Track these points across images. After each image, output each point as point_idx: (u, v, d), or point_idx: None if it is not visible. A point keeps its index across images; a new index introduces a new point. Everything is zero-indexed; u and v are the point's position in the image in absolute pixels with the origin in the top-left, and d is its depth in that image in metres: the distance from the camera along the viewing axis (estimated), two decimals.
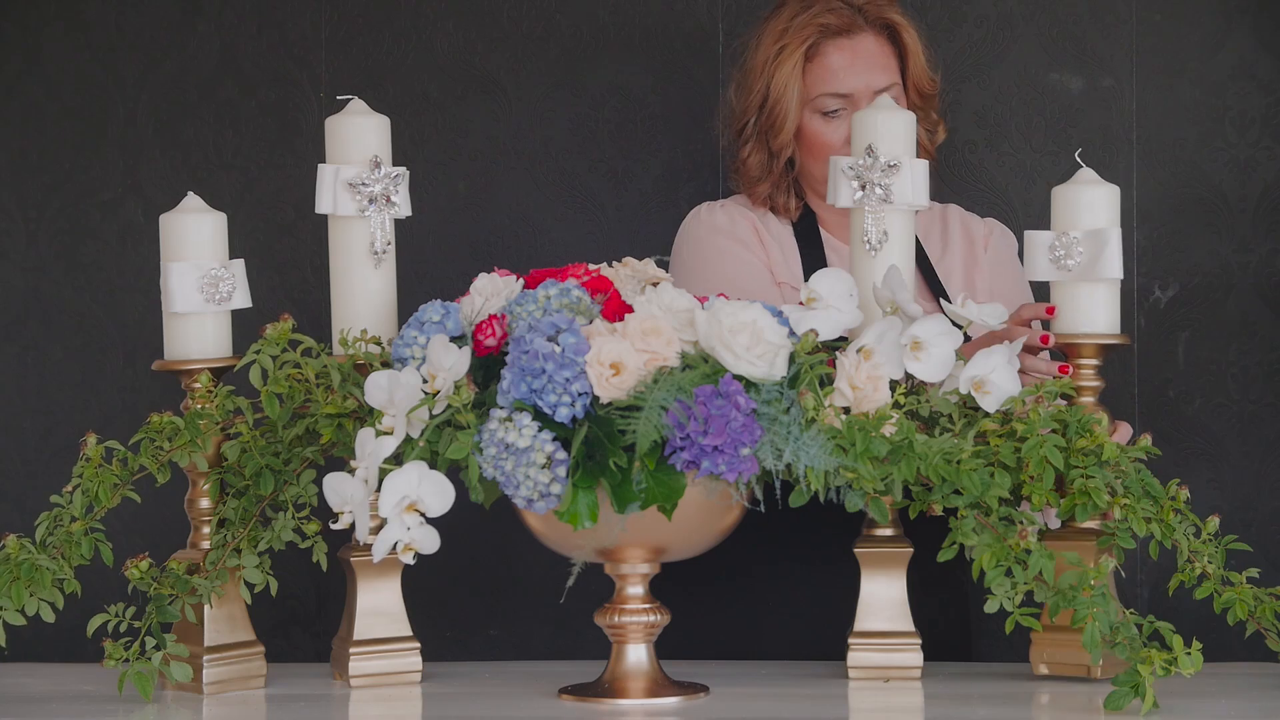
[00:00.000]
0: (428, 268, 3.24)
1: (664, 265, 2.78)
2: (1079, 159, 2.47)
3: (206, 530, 2.44)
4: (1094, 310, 2.43)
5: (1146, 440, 2.35)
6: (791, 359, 2.23)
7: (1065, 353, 2.43)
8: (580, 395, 2.17)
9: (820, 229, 2.91)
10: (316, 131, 2.56)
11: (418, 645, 2.47)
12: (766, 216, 2.92)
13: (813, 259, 2.86)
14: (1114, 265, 2.40)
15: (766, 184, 2.90)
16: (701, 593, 2.75)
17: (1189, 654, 2.19)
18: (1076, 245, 2.42)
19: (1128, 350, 3.15)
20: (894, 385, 2.29)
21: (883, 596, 2.42)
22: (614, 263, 2.44)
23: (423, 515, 2.19)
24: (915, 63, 2.84)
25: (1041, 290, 2.50)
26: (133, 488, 2.38)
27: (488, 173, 3.28)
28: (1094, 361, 2.42)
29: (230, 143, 3.32)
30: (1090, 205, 2.42)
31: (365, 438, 2.22)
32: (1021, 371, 2.45)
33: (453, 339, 2.29)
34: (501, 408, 2.19)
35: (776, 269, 2.85)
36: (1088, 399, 2.40)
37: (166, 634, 2.35)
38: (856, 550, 2.43)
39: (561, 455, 2.16)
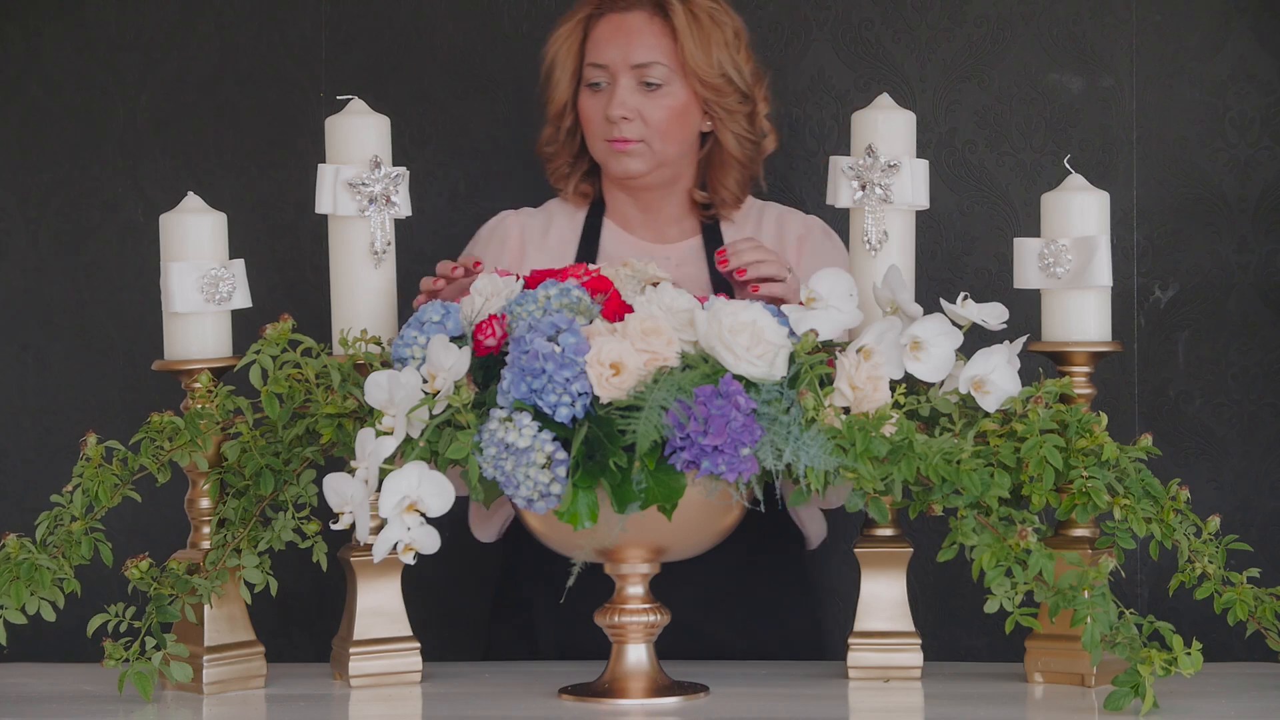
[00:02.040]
0: (428, 268, 3.24)
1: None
2: (1068, 165, 2.47)
3: (206, 530, 2.44)
4: (1084, 318, 2.42)
5: (1147, 440, 2.35)
6: (791, 359, 2.23)
7: (1055, 360, 2.44)
8: (580, 395, 2.17)
9: (607, 220, 2.90)
10: (316, 131, 2.55)
11: (418, 645, 2.47)
12: (555, 219, 2.90)
13: (586, 255, 2.86)
14: (1103, 272, 2.40)
15: (560, 160, 2.89)
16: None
17: (1189, 654, 2.19)
18: (1065, 253, 2.42)
19: (1128, 351, 3.15)
20: (894, 385, 2.30)
21: (883, 596, 2.42)
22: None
23: (423, 515, 2.19)
24: (686, 47, 2.77)
25: (1032, 298, 2.49)
26: (133, 488, 2.38)
27: (488, 173, 3.28)
28: (1085, 369, 2.42)
29: (230, 143, 3.32)
30: (1080, 212, 2.43)
31: (365, 438, 2.22)
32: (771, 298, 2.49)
33: (453, 339, 2.29)
34: (501, 408, 2.19)
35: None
36: (1080, 407, 2.40)
37: (166, 634, 2.35)
38: (856, 550, 2.43)
39: (561, 455, 2.16)
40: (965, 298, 2.38)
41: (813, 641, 2.94)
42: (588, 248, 2.88)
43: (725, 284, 2.78)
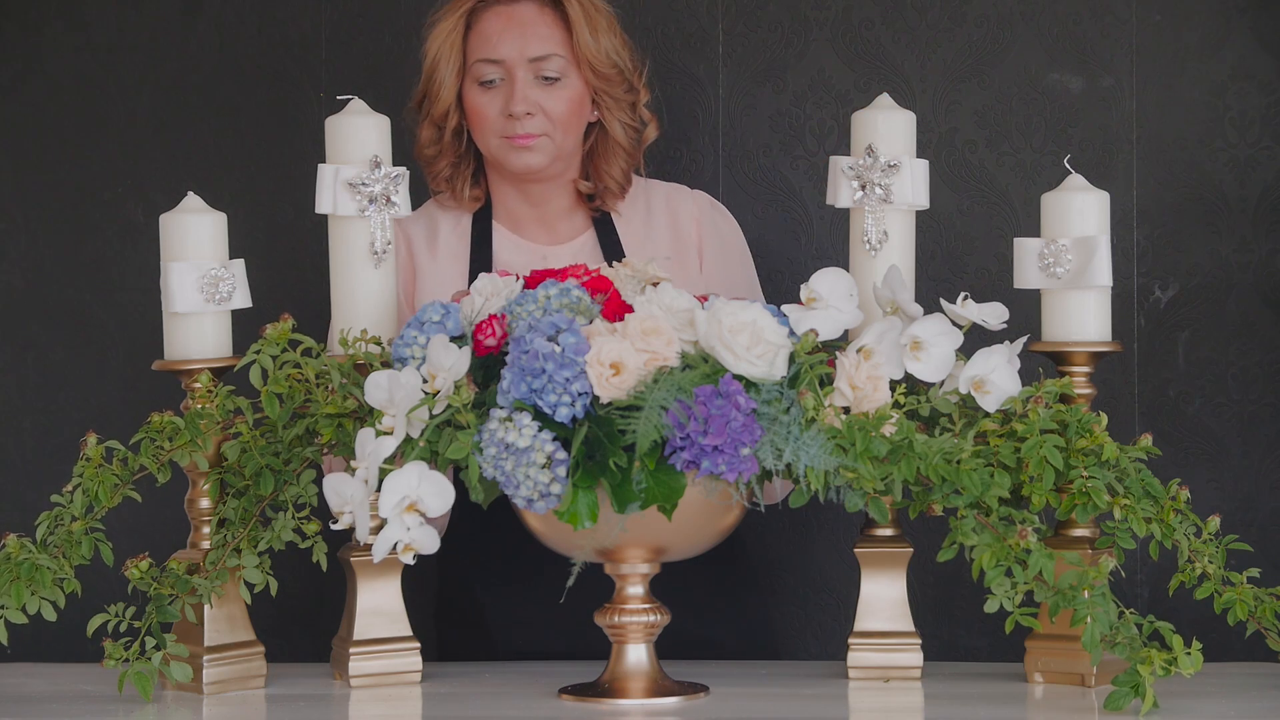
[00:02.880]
0: None
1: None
2: (1068, 165, 2.47)
3: (206, 530, 2.44)
4: (1084, 318, 2.42)
5: (1147, 440, 2.35)
6: (791, 359, 2.23)
7: (1056, 360, 2.44)
8: (580, 395, 2.17)
9: (497, 225, 2.85)
10: (316, 131, 2.55)
11: (418, 645, 2.47)
12: (439, 227, 2.85)
13: (480, 264, 2.81)
14: (1103, 272, 2.40)
15: (443, 162, 2.82)
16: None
17: (1189, 654, 2.19)
18: (1065, 253, 2.42)
19: (1128, 351, 3.15)
20: (894, 385, 2.30)
21: (883, 596, 2.42)
22: (614, 263, 2.44)
23: (423, 515, 2.19)
24: (581, 37, 2.74)
25: (1032, 298, 2.49)
26: (133, 487, 2.38)
27: None
28: (1085, 369, 2.42)
29: (230, 143, 3.32)
30: (1080, 212, 2.42)
31: (365, 438, 2.22)
32: None
33: (453, 339, 2.29)
34: (501, 408, 2.19)
35: (428, 287, 2.80)
36: (1080, 407, 2.39)
37: (166, 634, 2.35)
38: (856, 550, 2.43)
39: (561, 455, 2.16)
40: (965, 298, 2.38)
41: (813, 641, 2.94)
42: (480, 256, 2.83)
43: None
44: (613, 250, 2.82)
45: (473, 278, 2.72)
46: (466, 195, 2.84)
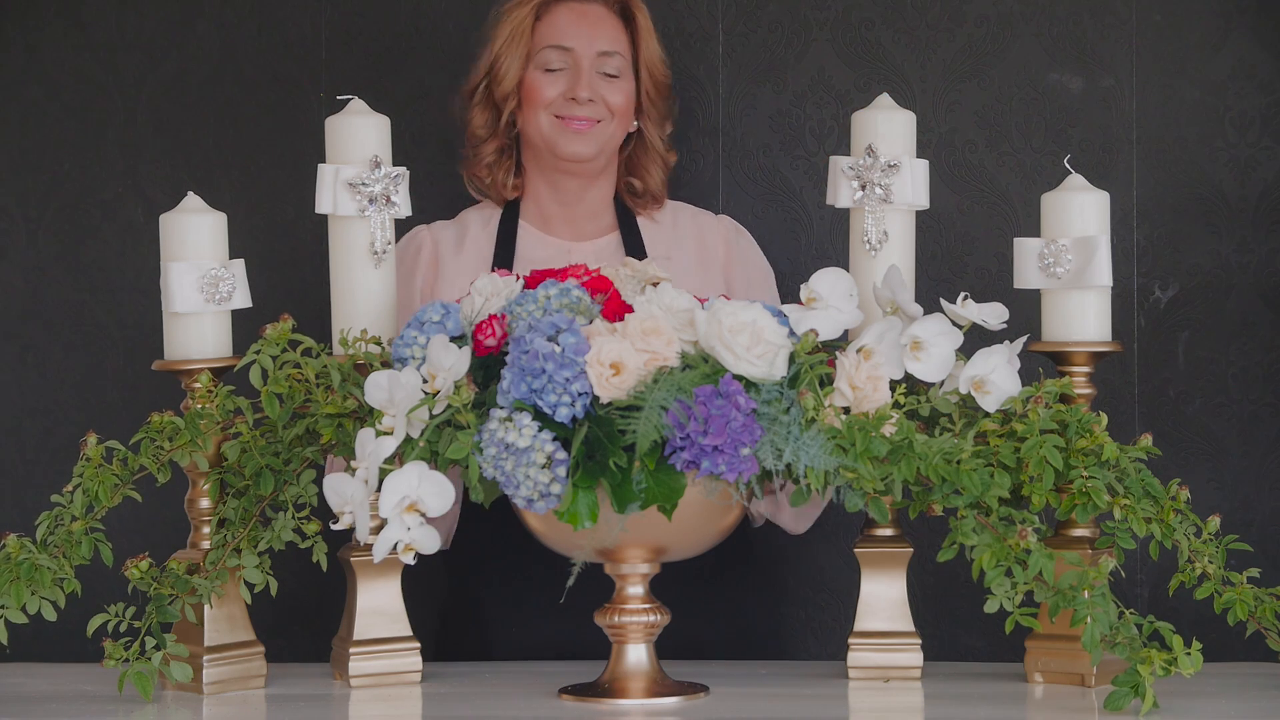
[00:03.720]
0: None
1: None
2: (1068, 165, 2.47)
3: (206, 530, 2.44)
4: (1084, 318, 2.42)
5: (1147, 440, 2.35)
6: (791, 359, 2.23)
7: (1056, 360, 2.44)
8: (580, 395, 2.17)
9: (523, 223, 2.93)
10: (316, 131, 2.55)
11: (418, 645, 2.47)
12: (469, 228, 2.93)
13: (504, 257, 2.90)
14: (1103, 272, 2.40)
15: (492, 144, 2.92)
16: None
17: (1189, 654, 2.19)
18: (1065, 253, 2.42)
19: (1128, 351, 3.15)
20: (894, 385, 2.29)
21: (883, 596, 2.42)
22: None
23: (423, 515, 2.19)
24: (647, 44, 2.90)
25: (1032, 297, 2.49)
26: (133, 488, 2.38)
27: None
28: (1085, 369, 2.42)
29: (230, 143, 3.32)
30: (1080, 212, 2.43)
31: (365, 438, 2.22)
32: None
33: (453, 339, 2.29)
34: (501, 408, 2.19)
35: (450, 281, 2.87)
36: (1080, 407, 2.39)
37: (166, 634, 2.35)
38: (856, 550, 2.43)
39: (561, 455, 2.16)
40: (965, 298, 2.38)
41: (813, 641, 2.94)
42: (504, 252, 2.90)
43: None
44: (636, 253, 2.89)
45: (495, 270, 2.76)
46: (509, 184, 2.93)
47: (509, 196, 2.93)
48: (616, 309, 2.31)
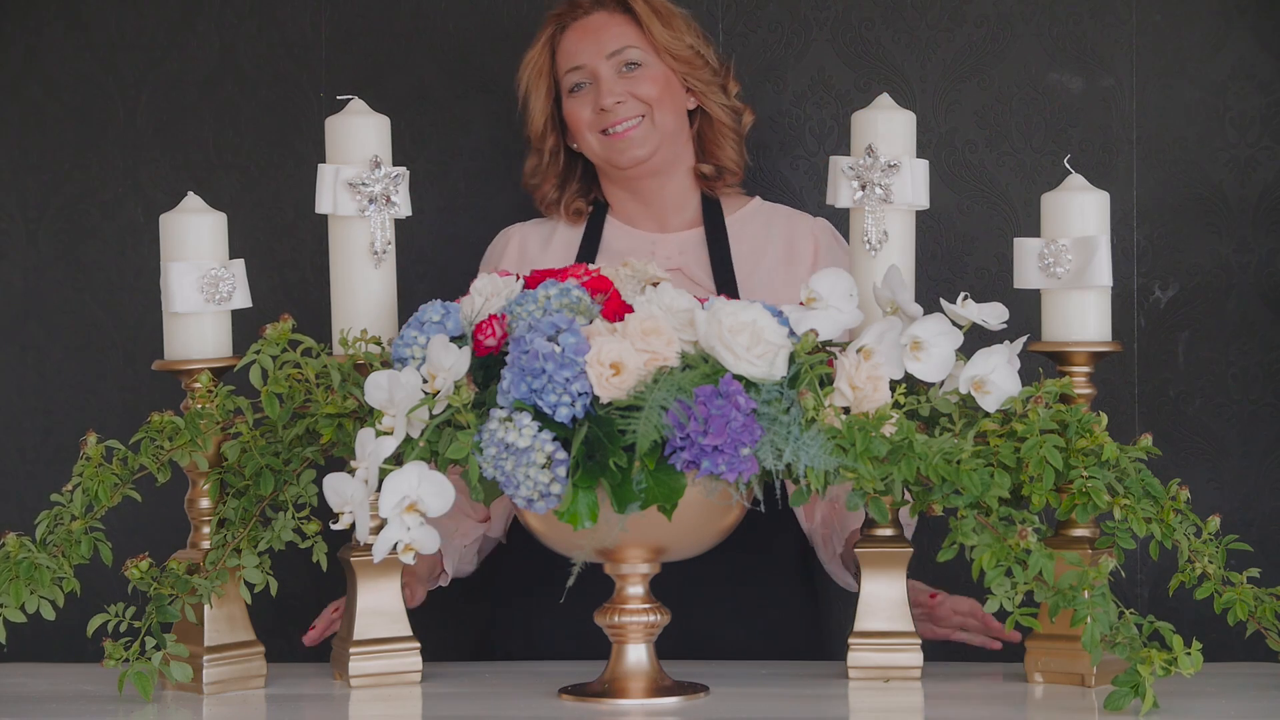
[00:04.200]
0: (428, 268, 3.24)
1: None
2: (1068, 165, 2.47)
3: (206, 530, 2.44)
4: (1084, 318, 2.42)
5: (1147, 440, 2.35)
6: (791, 359, 2.23)
7: (1056, 360, 2.44)
8: (580, 395, 2.17)
9: (610, 218, 2.97)
10: (316, 131, 2.55)
11: (418, 645, 2.47)
12: (559, 226, 2.99)
13: (589, 251, 2.94)
14: (1103, 272, 2.40)
15: (546, 186, 2.99)
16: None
17: (1189, 654, 2.19)
18: (1065, 253, 2.41)
19: (1128, 351, 3.15)
20: (894, 385, 2.29)
21: (883, 596, 2.42)
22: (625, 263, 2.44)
23: (423, 515, 2.19)
24: (652, 27, 2.91)
25: (1032, 297, 2.49)
26: (133, 487, 2.38)
27: (488, 173, 3.28)
28: (1085, 369, 2.42)
29: (230, 143, 3.32)
30: (1080, 212, 2.42)
31: (365, 438, 2.22)
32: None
33: (453, 339, 2.29)
34: (501, 408, 2.19)
35: None
36: (1080, 407, 2.39)
37: (166, 634, 2.35)
38: (857, 550, 2.43)
39: (561, 455, 2.16)
40: (965, 298, 2.37)
41: (813, 641, 2.94)
42: (589, 246, 2.94)
43: (726, 270, 2.82)
44: (719, 249, 2.92)
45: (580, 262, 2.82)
46: (574, 206, 2.98)
47: (581, 221, 2.98)
48: (616, 309, 2.31)
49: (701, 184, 2.97)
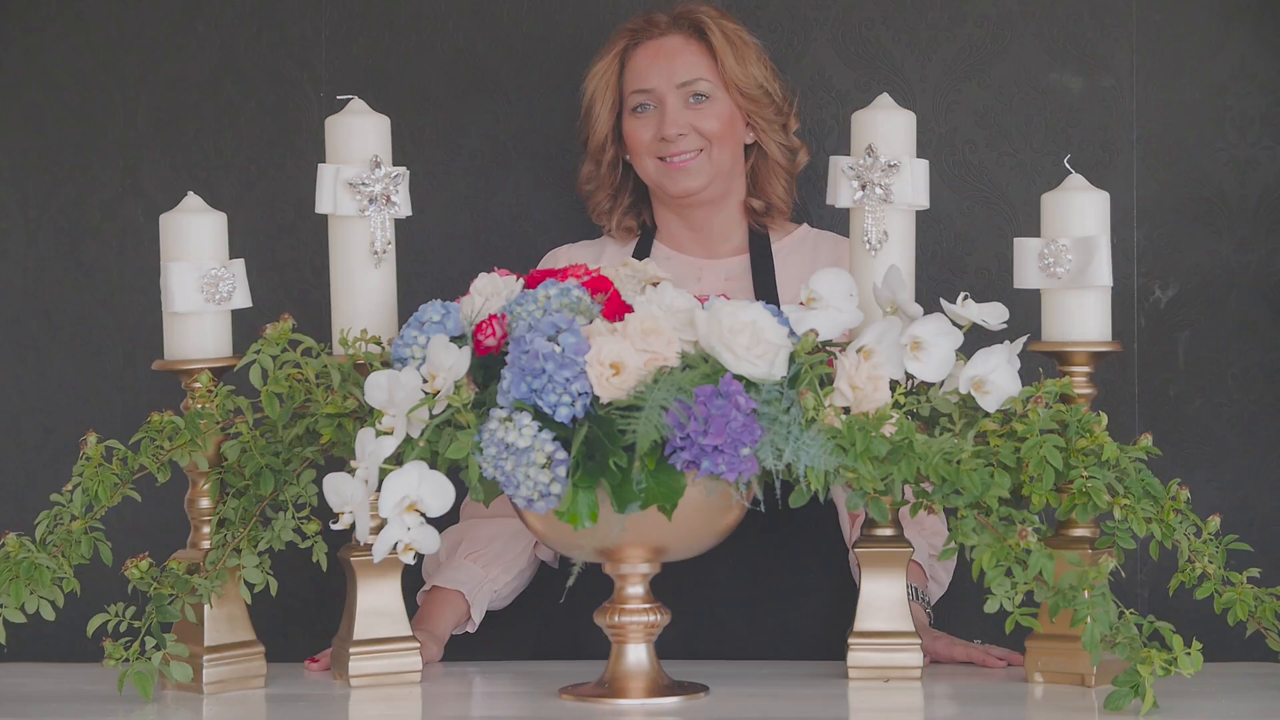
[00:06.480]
0: (428, 268, 3.24)
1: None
2: (1068, 165, 2.47)
3: (206, 530, 2.44)
4: (1085, 318, 2.42)
5: (1147, 440, 2.35)
6: (791, 359, 2.23)
7: (1056, 360, 2.44)
8: (580, 395, 2.17)
9: (657, 243, 2.98)
10: (316, 131, 2.55)
11: (418, 645, 2.47)
12: (606, 249, 2.99)
13: None
14: (1103, 272, 2.40)
15: (600, 195, 2.99)
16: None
17: (1189, 654, 2.19)
18: (1065, 253, 2.41)
19: (1128, 351, 3.15)
20: (894, 385, 2.29)
21: (883, 596, 2.42)
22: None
23: (423, 515, 2.19)
24: (726, 62, 2.90)
25: (1032, 297, 2.49)
26: (133, 487, 2.38)
27: (488, 173, 3.28)
28: (1086, 369, 2.42)
29: (230, 143, 3.32)
30: (1080, 212, 2.42)
31: (365, 438, 2.22)
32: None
33: (453, 339, 2.29)
34: (501, 407, 2.19)
35: None
36: (1080, 407, 2.39)
37: (166, 634, 2.35)
38: (857, 550, 2.43)
39: (561, 455, 2.16)
40: (965, 298, 2.38)
41: (812, 641, 2.94)
42: None
43: (771, 297, 2.88)
44: (764, 276, 2.92)
45: None
46: (617, 226, 3.00)
47: (630, 239, 2.99)
48: (616, 309, 2.31)
49: (750, 217, 2.98)
